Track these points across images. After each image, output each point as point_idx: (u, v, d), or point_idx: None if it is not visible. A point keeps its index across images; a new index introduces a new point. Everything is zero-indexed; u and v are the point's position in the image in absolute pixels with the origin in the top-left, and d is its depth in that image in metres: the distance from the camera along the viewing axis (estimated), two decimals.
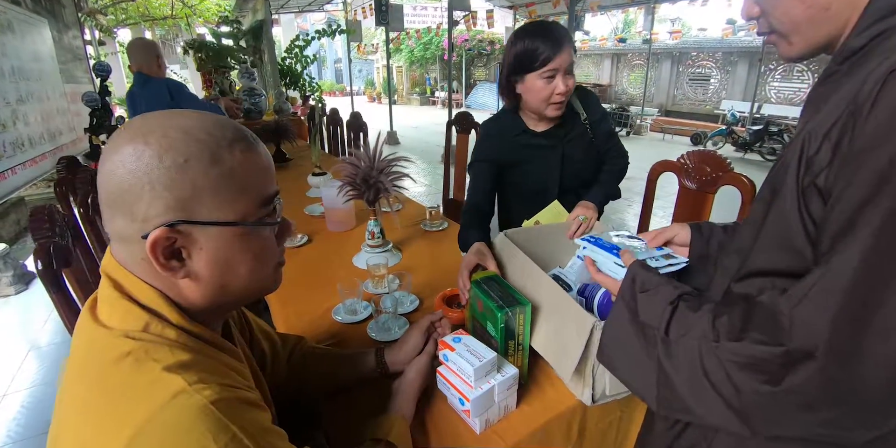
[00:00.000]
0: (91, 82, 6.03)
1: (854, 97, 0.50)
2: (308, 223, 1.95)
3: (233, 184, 0.54)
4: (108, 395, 0.47)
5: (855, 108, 0.50)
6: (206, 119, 0.55)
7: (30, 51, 4.32)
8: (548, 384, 0.97)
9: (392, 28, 8.45)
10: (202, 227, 0.53)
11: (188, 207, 0.52)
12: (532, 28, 1.37)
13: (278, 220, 0.62)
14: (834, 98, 0.55)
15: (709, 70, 11.48)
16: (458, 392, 0.84)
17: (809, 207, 0.55)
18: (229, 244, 0.55)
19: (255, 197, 0.57)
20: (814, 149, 0.54)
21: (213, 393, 0.48)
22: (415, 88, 19.88)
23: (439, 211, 1.93)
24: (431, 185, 6.35)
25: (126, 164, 0.50)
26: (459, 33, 14.78)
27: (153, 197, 0.50)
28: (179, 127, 0.52)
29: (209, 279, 0.56)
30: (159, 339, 0.51)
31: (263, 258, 0.60)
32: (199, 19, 8.80)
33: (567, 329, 0.88)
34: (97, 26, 7.63)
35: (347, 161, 1.45)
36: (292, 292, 1.39)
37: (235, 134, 0.55)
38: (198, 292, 0.56)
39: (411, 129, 11.81)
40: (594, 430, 0.98)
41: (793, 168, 0.57)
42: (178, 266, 0.53)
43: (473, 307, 1.01)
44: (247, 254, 0.57)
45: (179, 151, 0.50)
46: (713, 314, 0.58)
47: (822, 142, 0.53)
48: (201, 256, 0.54)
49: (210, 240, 0.54)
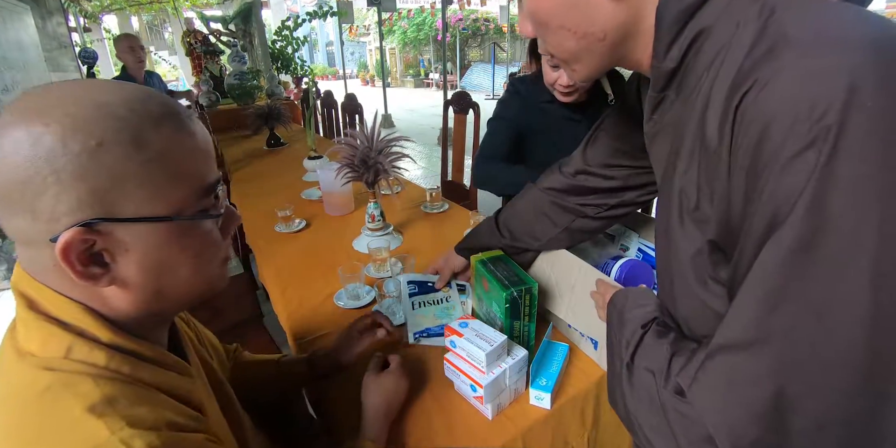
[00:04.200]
0: (78, 70, 5.90)
1: (703, 139, 0.44)
2: (305, 208, 1.91)
3: (163, 170, 0.44)
4: (24, 445, 0.39)
5: (709, 152, 0.44)
6: (126, 90, 0.44)
7: (12, 39, 4.19)
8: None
9: (384, 8, 8.27)
10: (127, 225, 0.43)
11: (107, 201, 0.42)
12: None
13: (222, 211, 0.52)
14: (684, 135, 0.49)
15: None
16: (468, 378, 0.82)
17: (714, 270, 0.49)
18: (164, 243, 0.46)
19: (193, 185, 0.47)
20: (692, 201, 0.48)
21: (144, 444, 0.39)
22: (409, 70, 19.64)
23: (439, 192, 1.89)
24: (428, 167, 6.30)
25: (20, 151, 0.39)
26: (453, 12, 14.54)
27: (60, 190, 0.40)
28: (89, 101, 0.42)
29: (141, 285, 0.46)
30: (83, 368, 0.42)
31: (206, 256, 0.51)
32: (186, 3, 8.59)
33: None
34: (82, 12, 7.44)
35: (345, 142, 1.40)
36: (292, 279, 1.36)
37: (164, 109, 0.45)
38: (128, 301, 0.47)
39: (406, 111, 11.69)
40: (609, 417, 0.95)
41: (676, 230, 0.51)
42: (100, 273, 0.44)
43: (479, 288, 0.98)
44: (186, 252, 0.48)
45: (90, 132, 0.40)
46: (672, 351, 0.52)
47: (699, 193, 0.47)
48: (129, 259, 0.45)
49: (139, 239, 0.44)
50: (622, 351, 0.58)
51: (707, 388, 0.44)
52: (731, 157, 0.41)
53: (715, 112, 0.42)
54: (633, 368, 0.55)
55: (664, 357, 0.51)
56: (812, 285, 0.37)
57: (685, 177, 0.49)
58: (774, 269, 0.38)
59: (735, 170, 0.41)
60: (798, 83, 0.36)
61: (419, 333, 1.02)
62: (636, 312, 0.61)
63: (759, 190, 0.39)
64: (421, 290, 1.14)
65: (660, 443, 0.50)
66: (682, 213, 0.50)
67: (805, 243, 0.36)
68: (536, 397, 0.85)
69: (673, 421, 0.47)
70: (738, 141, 0.40)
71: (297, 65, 6.34)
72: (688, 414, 0.46)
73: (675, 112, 0.52)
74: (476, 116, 2.41)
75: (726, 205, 0.43)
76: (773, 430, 0.40)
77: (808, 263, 0.36)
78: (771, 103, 0.37)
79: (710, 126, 0.43)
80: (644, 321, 0.58)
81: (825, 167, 0.35)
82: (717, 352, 0.43)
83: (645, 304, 0.62)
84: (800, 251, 0.37)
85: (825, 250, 0.36)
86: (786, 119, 0.36)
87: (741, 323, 0.41)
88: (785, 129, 0.36)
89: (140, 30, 12.06)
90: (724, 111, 0.41)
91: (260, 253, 1.59)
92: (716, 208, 0.45)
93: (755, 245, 0.40)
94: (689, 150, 0.48)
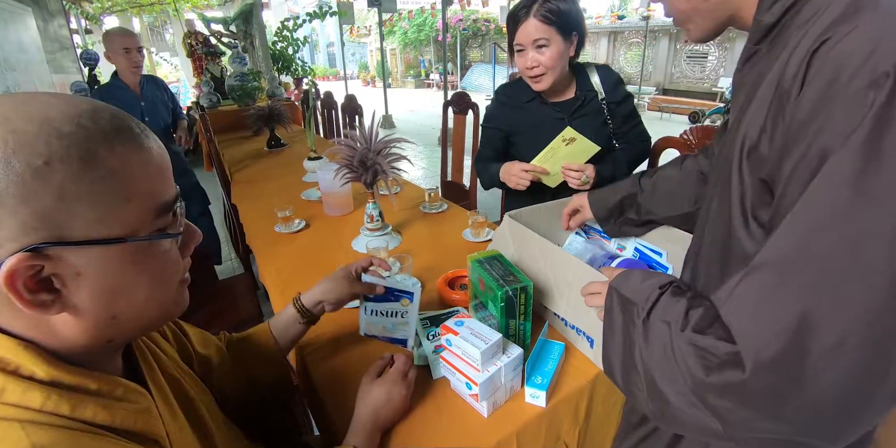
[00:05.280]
0: (79, 71, 5.92)
1: (779, 82, 0.48)
2: (305, 208, 1.92)
3: (115, 189, 0.41)
4: None
5: (781, 93, 0.48)
6: (72, 104, 0.41)
7: (14, 41, 4.22)
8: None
9: (385, 9, 8.29)
10: (78, 248, 0.40)
11: (56, 224, 0.39)
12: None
13: (181, 230, 0.49)
14: (762, 84, 0.53)
15: (707, 47, 11.32)
16: (464, 376, 0.83)
17: (755, 209, 0.53)
18: (118, 265, 0.43)
19: (147, 204, 0.44)
20: (753, 140, 0.52)
21: None
22: (409, 71, 19.66)
23: (438, 193, 1.90)
24: (429, 168, 6.31)
25: None
26: (454, 13, 14.55)
27: (3, 214, 0.37)
28: (32, 116, 0.39)
29: (94, 311, 0.43)
30: (13, 413, 0.39)
31: (164, 278, 0.48)
32: (186, 5, 8.62)
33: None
34: (83, 14, 7.47)
35: (343, 143, 1.41)
36: (291, 279, 1.37)
37: (115, 124, 0.42)
38: (79, 329, 0.43)
39: (407, 112, 11.71)
40: (600, 411, 0.97)
41: (735, 164, 0.55)
42: (50, 299, 0.40)
43: (475, 286, 0.99)
44: (143, 275, 0.45)
45: (35, 151, 0.37)
46: (689, 304, 0.56)
47: (761, 133, 0.51)
48: (81, 284, 0.41)
49: (91, 262, 0.41)
50: (636, 311, 0.61)
51: (742, 300, 0.47)
52: (800, 92, 0.45)
53: (796, 58, 0.47)
54: (648, 324, 0.59)
55: (681, 310, 0.55)
56: (853, 216, 0.40)
57: (752, 120, 0.53)
58: (820, 198, 0.42)
59: (801, 103, 0.45)
60: (873, 36, 0.41)
61: (369, 335, 1.01)
62: (651, 281, 0.63)
63: (818, 123, 0.43)
64: (378, 298, 0.99)
65: (670, 389, 0.53)
66: (741, 156, 0.54)
67: (853, 175, 0.40)
68: (532, 395, 0.86)
69: (688, 356, 0.51)
70: (809, 78, 0.45)
71: (297, 66, 6.37)
72: (706, 345, 0.49)
73: (760, 65, 0.57)
74: (476, 117, 2.42)
75: (783, 142, 0.47)
76: (794, 347, 0.42)
77: (853, 195, 0.40)
78: (846, 49, 0.42)
79: (789, 70, 0.47)
80: (662, 283, 0.62)
81: (883, 106, 0.39)
82: (756, 269, 0.46)
83: (655, 275, 0.65)
84: (846, 184, 0.40)
85: (871, 184, 0.39)
86: (854, 62, 0.41)
87: (781, 245, 0.45)
88: (851, 71, 0.41)
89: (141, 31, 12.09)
90: (803, 56, 0.46)
91: (260, 253, 1.60)
92: (774, 147, 0.49)
93: (806, 174, 0.43)
94: (762, 96, 0.52)
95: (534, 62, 1.37)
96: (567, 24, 1.33)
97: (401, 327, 0.99)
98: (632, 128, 1.57)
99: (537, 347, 0.93)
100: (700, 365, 0.49)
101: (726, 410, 0.48)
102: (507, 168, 1.49)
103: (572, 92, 1.52)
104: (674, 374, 0.53)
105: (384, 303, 0.98)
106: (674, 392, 0.53)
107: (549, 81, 1.41)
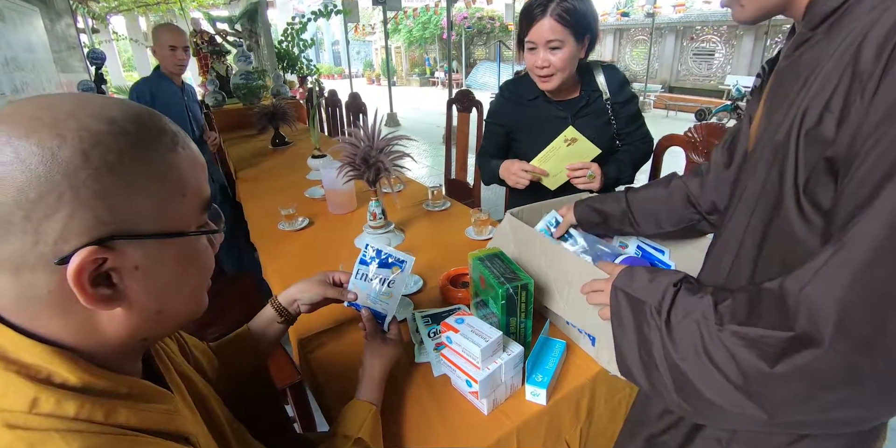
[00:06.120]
0: (86, 71, 5.96)
1: (851, 61, 0.47)
2: (309, 206, 1.93)
3: (172, 185, 0.44)
4: None
5: (857, 72, 0.46)
6: (129, 106, 0.44)
7: (22, 40, 4.24)
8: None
9: (389, 7, 8.29)
10: (140, 242, 0.42)
11: (123, 218, 0.40)
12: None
13: (223, 226, 0.52)
14: (823, 68, 0.52)
15: (713, 44, 11.27)
16: (464, 374, 0.83)
17: (812, 191, 0.52)
18: (171, 260, 0.45)
19: (197, 200, 0.47)
20: (813, 121, 0.51)
21: None
22: (414, 69, 19.65)
23: (441, 191, 1.90)
24: (434, 166, 6.31)
25: (29, 166, 0.36)
26: (458, 11, 14.53)
27: (76, 207, 0.37)
28: (98, 115, 0.40)
29: (145, 305, 0.45)
30: (50, 423, 0.38)
31: (205, 273, 0.51)
32: (192, 4, 8.65)
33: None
34: (90, 14, 7.52)
35: (346, 141, 1.42)
36: (294, 277, 1.37)
37: (163, 126, 0.45)
38: (125, 324, 0.44)
39: (412, 110, 11.71)
40: (602, 410, 0.97)
41: (791, 146, 0.54)
42: (109, 294, 0.41)
43: (476, 284, 0.99)
44: (191, 269, 0.48)
45: (108, 147, 0.39)
46: (714, 299, 0.56)
47: (823, 114, 0.50)
48: (137, 277, 0.43)
49: (149, 256, 0.43)
50: (652, 312, 0.61)
51: (831, 278, 0.46)
52: (882, 77, 0.44)
53: (874, 42, 0.46)
54: (671, 324, 0.58)
55: (707, 306, 0.55)
56: None
57: (813, 100, 0.52)
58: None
59: (884, 88, 0.44)
60: None
61: (353, 305, 0.98)
62: (660, 279, 0.63)
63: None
64: (371, 261, 1.00)
65: (708, 386, 0.54)
66: (797, 137, 0.54)
67: None
68: (532, 393, 0.86)
69: (738, 350, 0.51)
70: (893, 63, 0.44)
71: (302, 64, 6.38)
72: (758, 335, 0.50)
73: (816, 50, 0.56)
74: (479, 115, 2.42)
75: (856, 126, 0.47)
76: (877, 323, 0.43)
77: None
78: None
79: (867, 53, 0.46)
80: (674, 281, 0.61)
81: None
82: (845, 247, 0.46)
83: (661, 272, 0.65)
84: None
85: None
86: None
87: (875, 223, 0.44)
88: None
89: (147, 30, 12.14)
90: (885, 39, 0.45)
91: (263, 251, 1.61)
92: (845, 127, 0.48)
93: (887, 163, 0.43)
94: (824, 78, 0.51)
95: (544, 62, 1.35)
96: (582, 26, 1.32)
97: (383, 299, 0.97)
98: (635, 129, 1.56)
99: (538, 345, 0.93)
100: (758, 357, 0.49)
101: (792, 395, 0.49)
102: (506, 166, 1.49)
103: (577, 91, 1.51)
104: (711, 372, 0.53)
105: (377, 268, 0.98)
106: (714, 388, 0.53)
107: (558, 82, 1.40)
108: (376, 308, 0.96)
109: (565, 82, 1.42)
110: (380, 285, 0.96)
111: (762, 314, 0.51)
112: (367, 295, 0.97)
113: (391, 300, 0.95)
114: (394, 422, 0.84)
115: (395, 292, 0.95)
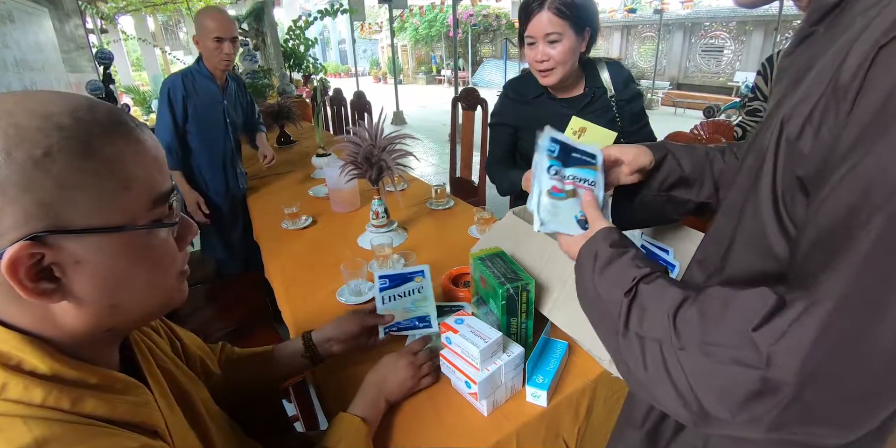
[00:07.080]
0: (95, 71, 6.01)
1: (835, 74, 0.43)
2: (313, 205, 1.93)
3: (113, 179, 0.43)
4: None
5: (836, 87, 0.42)
6: (71, 100, 0.44)
7: (31, 41, 4.28)
8: None
9: (396, 5, 8.28)
10: (78, 237, 0.42)
11: (56, 213, 0.40)
12: None
13: (177, 220, 0.51)
14: (815, 69, 0.47)
15: (722, 40, 11.17)
16: (463, 375, 0.82)
17: (789, 205, 0.48)
18: (116, 254, 0.44)
19: (144, 194, 0.46)
20: (795, 132, 0.47)
21: None
22: (420, 67, 19.66)
23: (445, 189, 1.90)
24: (440, 164, 6.31)
25: None
26: (464, 9, 14.49)
27: (4, 203, 0.38)
28: (33, 111, 0.41)
29: (95, 299, 0.45)
30: (16, 409, 0.40)
31: (161, 267, 0.50)
32: (200, 3, 8.69)
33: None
34: (98, 14, 7.57)
35: (349, 139, 1.41)
36: (297, 275, 1.38)
37: (111, 118, 0.44)
38: (80, 318, 0.45)
39: (418, 108, 11.70)
40: (601, 410, 0.96)
41: (770, 153, 0.50)
42: (52, 288, 0.42)
43: (477, 284, 0.98)
44: (140, 264, 0.47)
45: (35, 142, 0.39)
46: (676, 307, 0.50)
47: (805, 125, 0.46)
48: (81, 272, 0.43)
49: (91, 251, 0.43)
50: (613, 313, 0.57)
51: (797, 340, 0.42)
52: (858, 96, 0.40)
53: (859, 51, 0.41)
54: (627, 334, 0.54)
55: (667, 318, 0.50)
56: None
57: (798, 106, 0.47)
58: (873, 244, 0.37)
59: (858, 109, 0.40)
60: None
61: (388, 329, 1.00)
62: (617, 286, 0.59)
63: (875, 139, 0.37)
64: (392, 284, 1.09)
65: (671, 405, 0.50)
66: (777, 146, 0.49)
67: None
68: (533, 395, 0.85)
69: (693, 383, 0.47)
70: (871, 80, 0.39)
71: (308, 63, 6.39)
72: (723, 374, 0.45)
73: (815, 48, 0.52)
74: (484, 113, 2.41)
75: (829, 145, 0.42)
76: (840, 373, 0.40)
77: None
78: None
79: (850, 62, 0.41)
80: (626, 287, 0.57)
81: None
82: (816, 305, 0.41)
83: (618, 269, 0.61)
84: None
85: None
86: None
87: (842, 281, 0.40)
88: None
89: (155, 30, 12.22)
90: (868, 49, 0.40)
91: (266, 250, 1.61)
92: (817, 145, 0.44)
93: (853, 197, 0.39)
94: (812, 84, 0.47)
95: (544, 56, 1.34)
96: (581, 19, 1.31)
97: (420, 304, 1.03)
98: (640, 128, 1.54)
99: (539, 346, 0.92)
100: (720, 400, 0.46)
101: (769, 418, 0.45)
102: (529, 176, 1.46)
103: (581, 88, 1.49)
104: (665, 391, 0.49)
105: (398, 287, 1.05)
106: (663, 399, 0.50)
107: (559, 76, 1.39)
108: (417, 314, 1.00)
109: (567, 77, 1.41)
110: (410, 295, 1.04)
111: (728, 336, 0.46)
112: (404, 309, 1.03)
113: (427, 302, 1.02)
114: (392, 422, 0.83)
115: (427, 293, 1.03)
